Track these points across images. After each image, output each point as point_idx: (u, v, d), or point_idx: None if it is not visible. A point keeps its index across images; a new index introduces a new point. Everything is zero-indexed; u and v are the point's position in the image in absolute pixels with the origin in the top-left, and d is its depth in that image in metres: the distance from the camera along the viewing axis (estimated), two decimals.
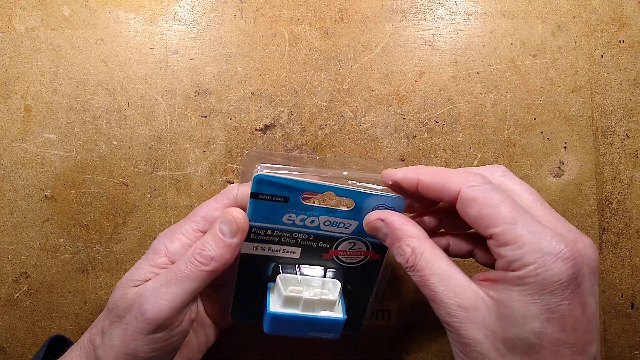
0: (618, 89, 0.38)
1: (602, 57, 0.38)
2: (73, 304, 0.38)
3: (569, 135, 0.38)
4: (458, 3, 0.38)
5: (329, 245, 0.30)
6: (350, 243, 0.30)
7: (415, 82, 0.38)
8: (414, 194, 0.27)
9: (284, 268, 0.30)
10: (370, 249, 0.31)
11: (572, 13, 0.38)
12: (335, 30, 0.38)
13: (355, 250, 0.31)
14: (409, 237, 0.26)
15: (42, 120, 0.38)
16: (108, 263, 0.38)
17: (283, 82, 0.38)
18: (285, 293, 0.29)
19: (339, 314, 0.30)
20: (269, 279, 0.31)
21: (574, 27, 0.38)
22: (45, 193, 0.38)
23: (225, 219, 0.27)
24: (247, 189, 0.28)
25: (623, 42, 0.38)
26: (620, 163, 0.38)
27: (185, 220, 0.30)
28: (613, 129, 0.38)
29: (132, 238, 0.38)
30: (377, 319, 0.38)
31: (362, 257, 0.31)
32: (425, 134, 0.38)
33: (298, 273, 0.30)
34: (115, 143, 0.38)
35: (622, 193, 0.38)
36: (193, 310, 0.28)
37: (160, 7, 0.39)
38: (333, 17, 0.39)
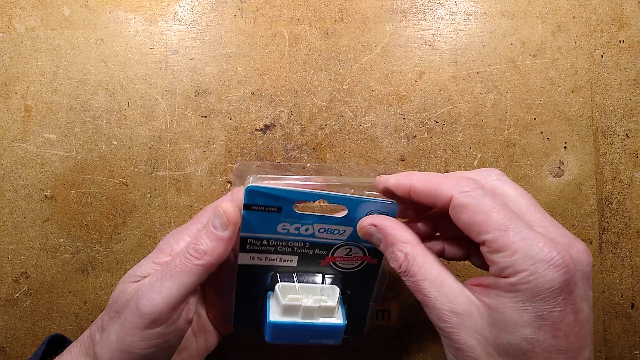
0: (618, 89, 0.38)
1: (602, 57, 0.38)
2: (73, 304, 0.38)
3: (569, 135, 0.38)
4: (458, 3, 0.38)
5: (326, 252, 0.30)
6: (347, 249, 0.30)
7: (415, 82, 0.38)
8: (408, 200, 0.27)
9: (282, 277, 0.30)
10: (367, 254, 0.31)
11: (572, 13, 0.38)
12: (335, 30, 0.38)
13: (352, 256, 0.31)
14: (402, 242, 0.26)
15: (42, 120, 0.38)
16: (108, 263, 0.38)
17: (283, 82, 0.38)
18: (284, 301, 0.29)
19: (339, 320, 0.29)
20: (268, 289, 0.31)
21: (574, 27, 0.38)
22: (45, 193, 0.38)
23: (217, 213, 0.27)
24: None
25: (623, 42, 0.38)
26: (620, 163, 0.38)
27: (192, 222, 0.31)
28: (613, 129, 0.38)
29: (132, 238, 0.38)
30: (377, 319, 0.38)
31: (359, 262, 0.31)
32: (425, 134, 0.38)
33: (296, 281, 0.30)
34: (115, 143, 0.38)
35: (622, 193, 0.38)
36: (191, 310, 0.28)
37: (160, 7, 0.39)
38: (333, 17, 0.39)
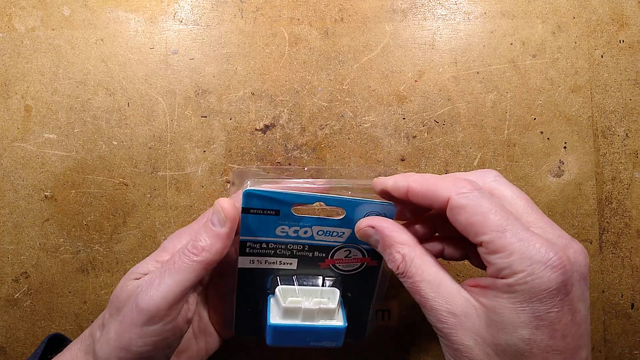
0: (618, 89, 0.38)
1: (602, 57, 0.38)
2: (73, 304, 0.38)
3: (569, 135, 0.38)
4: (458, 3, 0.38)
5: (325, 255, 0.30)
6: (346, 251, 0.30)
7: (415, 82, 0.38)
8: (406, 202, 0.27)
9: (282, 280, 0.30)
10: (366, 256, 0.31)
11: (572, 13, 0.38)
12: (335, 30, 0.38)
13: (352, 258, 0.31)
14: (399, 243, 0.26)
15: (42, 120, 0.38)
16: (108, 263, 0.38)
17: (283, 82, 0.38)
18: (284, 304, 0.29)
19: (340, 322, 0.29)
20: (269, 292, 0.31)
21: (574, 27, 0.38)
22: (45, 193, 0.38)
23: (215, 210, 0.27)
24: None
25: (623, 42, 0.38)
26: (620, 163, 0.38)
27: (197, 222, 0.31)
28: (613, 129, 0.38)
29: (132, 238, 0.38)
30: (377, 319, 0.38)
31: (358, 264, 0.31)
32: (425, 134, 0.38)
33: (296, 284, 0.30)
34: (115, 143, 0.38)
35: (622, 193, 0.38)
36: (190, 310, 0.28)
37: (160, 7, 0.39)
38: (333, 17, 0.39)
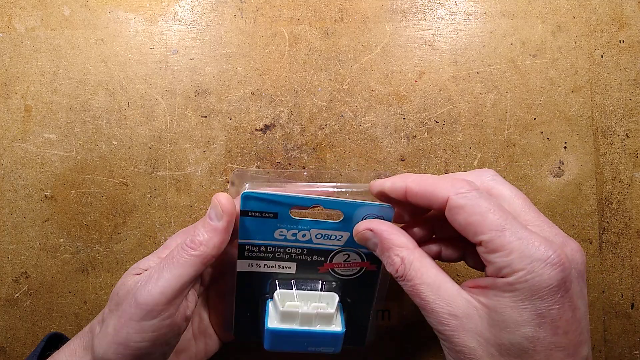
0: (618, 89, 0.38)
1: (602, 57, 0.38)
2: (73, 304, 0.38)
3: (569, 135, 0.38)
4: (458, 3, 0.38)
5: (324, 259, 0.30)
6: (345, 255, 0.30)
7: (415, 82, 0.38)
8: (404, 203, 0.27)
9: (281, 284, 0.30)
10: (365, 260, 0.31)
11: (572, 13, 0.38)
12: (335, 30, 0.38)
13: (350, 262, 0.30)
14: (398, 246, 0.26)
15: (42, 120, 0.38)
16: (108, 263, 0.38)
17: (283, 82, 0.38)
18: (282, 308, 0.29)
19: (338, 327, 0.29)
20: (268, 296, 0.31)
21: (574, 27, 0.38)
22: (45, 193, 0.38)
23: (212, 204, 0.27)
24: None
25: (623, 42, 0.38)
26: (620, 163, 0.38)
27: (200, 221, 0.31)
28: (613, 129, 0.38)
29: (132, 238, 0.38)
30: (377, 319, 0.38)
31: (357, 268, 0.31)
32: (425, 134, 0.38)
33: (295, 288, 0.30)
34: (115, 143, 0.38)
35: (622, 193, 0.38)
36: (189, 307, 0.28)
37: (160, 7, 0.39)
38: (333, 17, 0.39)
